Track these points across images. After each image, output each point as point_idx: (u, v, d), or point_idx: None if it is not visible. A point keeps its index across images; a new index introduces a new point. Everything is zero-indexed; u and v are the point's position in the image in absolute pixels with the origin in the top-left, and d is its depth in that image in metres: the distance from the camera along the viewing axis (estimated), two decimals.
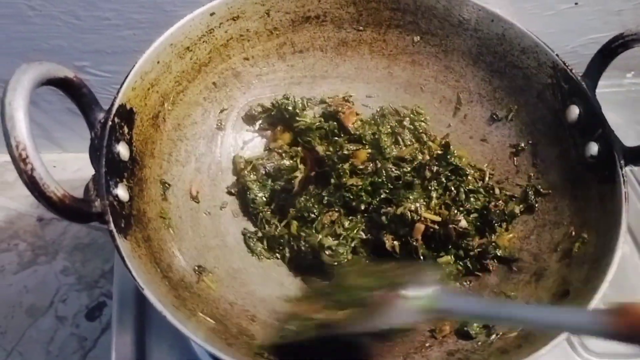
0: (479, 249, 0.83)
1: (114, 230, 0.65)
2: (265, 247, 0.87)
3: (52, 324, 1.01)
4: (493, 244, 0.83)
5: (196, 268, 0.78)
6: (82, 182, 0.68)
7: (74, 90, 0.70)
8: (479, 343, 0.73)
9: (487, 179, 0.89)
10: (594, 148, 0.79)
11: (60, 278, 1.05)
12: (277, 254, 0.88)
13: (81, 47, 1.02)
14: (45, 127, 1.17)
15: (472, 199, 0.86)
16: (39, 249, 1.08)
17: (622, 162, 0.74)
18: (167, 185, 0.81)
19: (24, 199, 1.12)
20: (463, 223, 0.83)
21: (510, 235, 0.85)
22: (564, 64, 0.83)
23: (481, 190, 0.88)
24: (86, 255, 1.08)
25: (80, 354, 0.98)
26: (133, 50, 0.84)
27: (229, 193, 0.90)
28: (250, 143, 0.95)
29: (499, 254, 0.83)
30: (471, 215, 0.85)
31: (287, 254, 0.87)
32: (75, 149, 1.20)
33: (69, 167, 1.19)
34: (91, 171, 0.68)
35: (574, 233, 0.78)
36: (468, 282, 0.85)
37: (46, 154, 1.21)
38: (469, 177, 0.88)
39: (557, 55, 0.84)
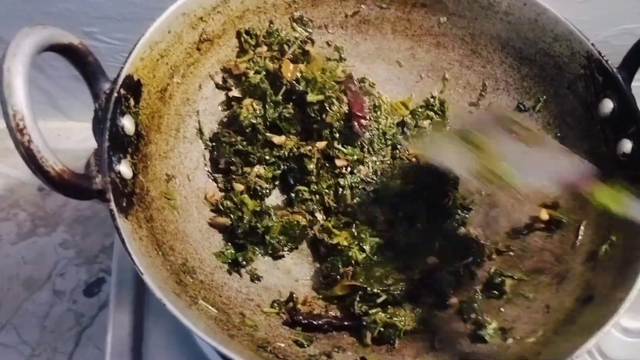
0: None
1: (115, 210, 0.61)
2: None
3: (49, 299, 0.97)
4: None
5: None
6: (87, 152, 0.64)
7: (78, 58, 0.66)
8: (494, 347, 0.69)
9: None
10: (627, 145, 0.74)
11: (59, 251, 1.02)
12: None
13: (91, 12, 0.97)
14: (51, 94, 1.13)
15: None
16: (39, 219, 1.04)
17: None
18: (173, 163, 0.76)
19: (25, 167, 1.07)
20: None
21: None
22: (600, 54, 0.78)
23: None
24: (87, 228, 1.04)
25: (76, 331, 0.95)
26: (145, 18, 0.79)
27: None
28: None
29: None
30: None
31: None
32: (81, 117, 1.16)
33: (74, 136, 1.15)
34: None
35: (600, 235, 0.73)
36: None
37: (51, 121, 1.17)
38: None
39: (592, 44, 0.79)
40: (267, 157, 0.82)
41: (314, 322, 0.72)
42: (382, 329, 0.72)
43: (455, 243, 0.81)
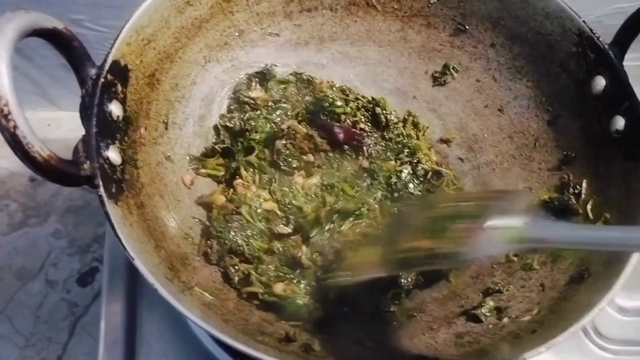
0: None
1: (104, 195, 0.60)
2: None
3: (42, 289, 0.97)
4: None
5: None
6: (77, 141, 0.63)
7: (63, 43, 0.65)
8: (490, 326, 0.69)
9: None
10: (619, 122, 0.73)
11: (51, 241, 1.01)
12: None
13: None
14: (40, 84, 1.12)
15: None
16: (31, 210, 1.04)
17: None
18: (162, 149, 0.76)
19: (16, 158, 1.06)
20: None
21: None
22: (591, 31, 0.77)
23: None
24: (79, 218, 1.03)
25: (70, 320, 0.94)
26: (133, 5, 0.78)
27: None
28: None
29: None
30: None
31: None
32: (71, 107, 1.13)
33: (64, 126, 1.14)
34: None
35: (595, 213, 0.73)
36: None
37: (40, 111, 1.16)
38: None
39: (583, 21, 0.78)
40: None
41: None
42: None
43: None
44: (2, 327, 0.93)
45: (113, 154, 0.65)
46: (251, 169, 0.80)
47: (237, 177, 0.80)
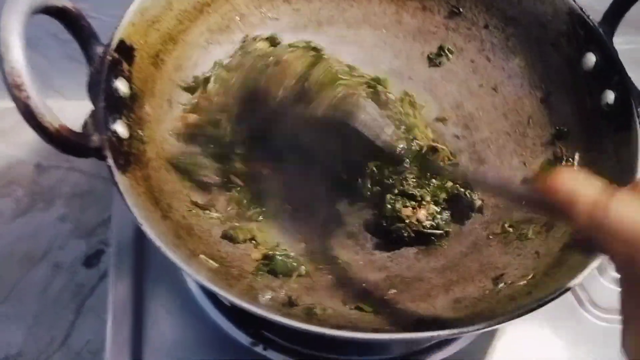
0: None
1: (113, 166, 0.63)
2: None
3: (49, 271, 0.99)
4: None
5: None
6: None
7: (72, 22, 0.68)
8: (486, 292, 0.71)
9: None
10: (610, 96, 0.76)
11: (57, 225, 1.03)
12: None
13: None
14: (45, 74, 1.14)
15: None
16: (37, 195, 1.06)
17: (639, 109, 0.72)
18: (167, 126, 0.78)
19: (22, 146, 1.10)
20: None
21: None
22: (581, 9, 0.80)
23: None
24: (84, 202, 1.06)
25: (77, 302, 0.97)
26: None
27: None
28: None
29: None
30: None
31: None
32: (76, 96, 1.16)
33: (69, 115, 1.12)
34: None
35: None
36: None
37: (46, 101, 1.17)
38: None
39: (574, 0, 0.81)
40: None
41: None
42: None
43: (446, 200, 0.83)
44: (10, 308, 0.95)
45: (120, 128, 0.67)
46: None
47: None
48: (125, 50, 0.71)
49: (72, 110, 1.21)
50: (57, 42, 1.07)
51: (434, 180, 0.81)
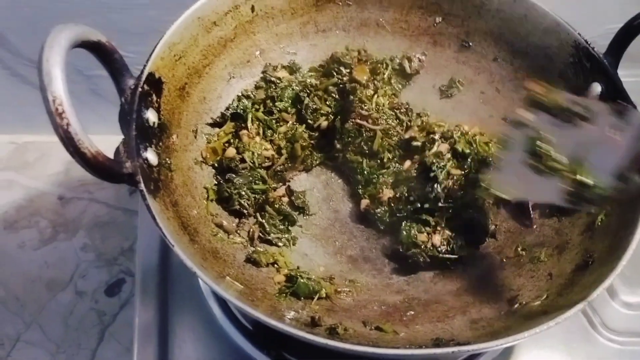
0: None
1: (145, 190, 0.66)
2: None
3: (72, 299, 1.01)
4: None
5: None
6: None
7: (106, 55, 0.71)
8: (502, 312, 0.73)
9: None
10: None
11: (80, 254, 1.06)
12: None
13: (106, 26, 1.01)
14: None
15: None
16: (60, 226, 1.09)
17: None
18: (193, 155, 0.82)
19: (45, 178, 1.14)
20: None
21: None
22: (586, 42, 0.84)
23: None
24: (106, 232, 1.09)
25: (99, 329, 0.99)
26: (158, 31, 0.84)
27: None
28: None
29: None
30: None
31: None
32: (97, 130, 1.19)
33: None
34: (113, 152, 0.69)
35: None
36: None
37: None
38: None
39: (578, 33, 0.85)
40: None
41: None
42: None
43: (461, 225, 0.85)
44: (34, 334, 0.98)
45: (151, 156, 0.71)
46: (257, 122, 0.88)
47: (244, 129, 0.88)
48: (155, 83, 0.75)
49: (96, 143, 1.26)
50: (82, 77, 1.11)
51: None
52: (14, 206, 1.10)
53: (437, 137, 0.87)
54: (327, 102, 0.91)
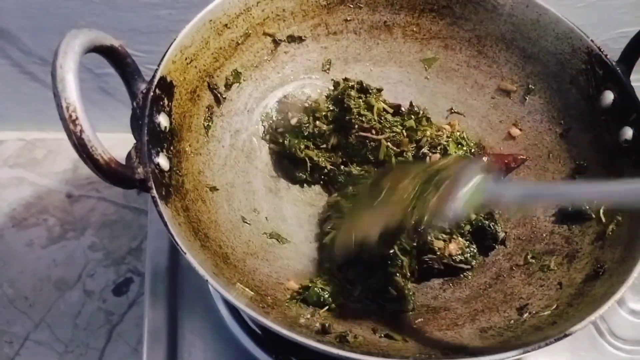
0: None
1: (157, 196, 0.66)
2: None
3: (80, 298, 1.02)
4: None
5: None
6: None
7: (118, 59, 0.71)
8: (512, 321, 0.73)
9: None
10: (628, 132, 0.79)
11: (88, 253, 1.06)
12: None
13: (117, 25, 1.02)
14: None
15: None
16: (68, 224, 1.09)
17: None
18: (203, 159, 0.81)
19: (53, 176, 1.14)
20: None
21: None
22: (599, 49, 0.83)
23: None
24: (114, 232, 1.09)
25: (107, 328, 0.99)
26: (169, 30, 0.84)
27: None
28: None
29: None
30: None
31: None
32: (106, 128, 1.20)
33: None
34: (121, 151, 0.69)
35: (607, 216, 0.78)
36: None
37: None
38: None
39: (591, 40, 0.84)
40: None
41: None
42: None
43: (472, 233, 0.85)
44: (42, 334, 0.98)
45: (162, 161, 0.71)
46: None
47: None
48: (166, 87, 0.75)
49: (103, 141, 1.26)
50: (92, 76, 1.11)
51: None
52: (22, 204, 1.11)
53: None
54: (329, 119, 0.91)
